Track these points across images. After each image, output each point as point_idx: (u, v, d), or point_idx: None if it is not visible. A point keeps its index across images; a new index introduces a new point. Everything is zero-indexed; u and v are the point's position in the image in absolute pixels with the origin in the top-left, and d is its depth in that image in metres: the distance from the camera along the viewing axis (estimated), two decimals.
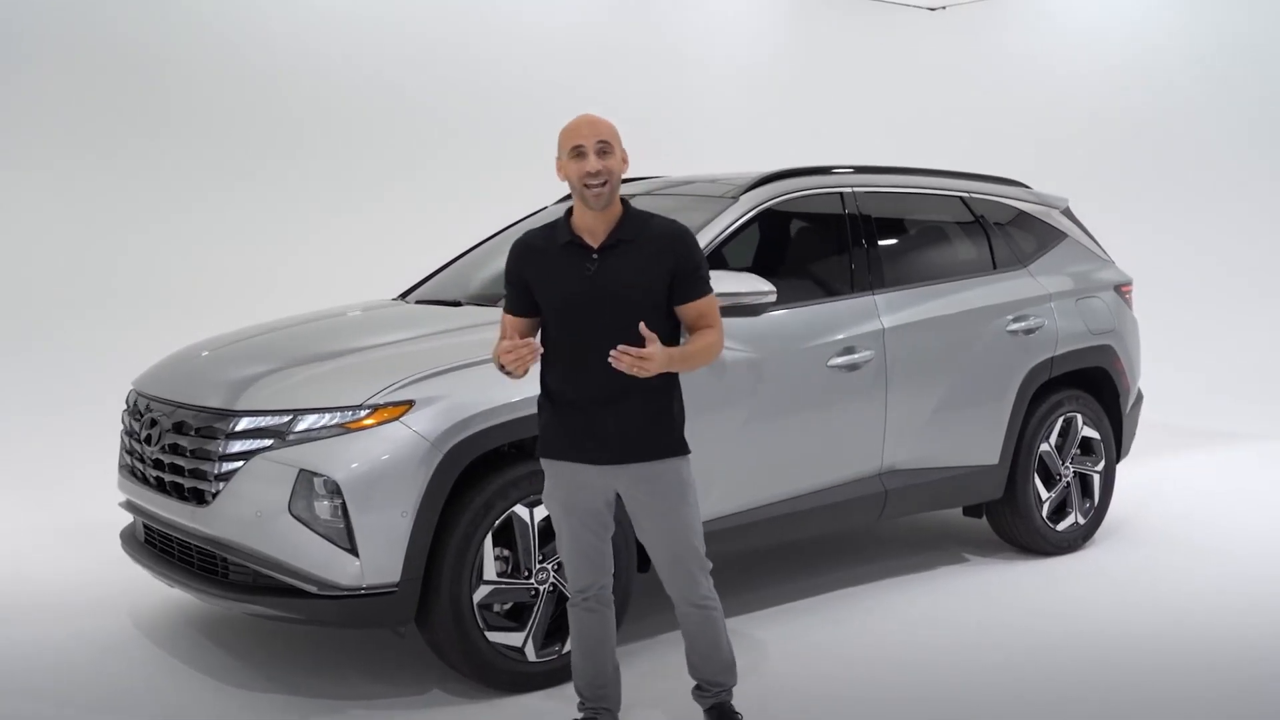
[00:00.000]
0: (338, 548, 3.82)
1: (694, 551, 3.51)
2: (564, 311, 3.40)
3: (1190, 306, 9.47)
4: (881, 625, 4.85)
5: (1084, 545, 5.85)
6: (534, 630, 4.07)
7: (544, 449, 3.50)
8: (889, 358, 5.03)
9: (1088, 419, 5.84)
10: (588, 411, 3.39)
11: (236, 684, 4.22)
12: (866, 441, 5.03)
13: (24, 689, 4.21)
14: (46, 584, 5.35)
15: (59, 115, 8.02)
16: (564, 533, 3.54)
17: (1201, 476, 7.35)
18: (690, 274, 3.41)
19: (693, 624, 3.59)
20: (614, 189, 3.37)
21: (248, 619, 4.80)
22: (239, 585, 4.01)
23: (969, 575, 5.50)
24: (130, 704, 4.10)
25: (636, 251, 3.38)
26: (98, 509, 6.14)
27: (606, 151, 3.34)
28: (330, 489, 3.81)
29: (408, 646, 4.51)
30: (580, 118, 3.43)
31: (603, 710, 3.67)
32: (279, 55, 8.77)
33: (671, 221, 3.47)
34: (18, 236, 7.90)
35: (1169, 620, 4.87)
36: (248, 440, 3.95)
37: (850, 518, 5.09)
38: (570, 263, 3.39)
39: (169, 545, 4.33)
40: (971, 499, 5.52)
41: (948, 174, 5.82)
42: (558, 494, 3.51)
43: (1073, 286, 5.89)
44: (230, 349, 4.63)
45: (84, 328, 7.98)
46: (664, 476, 3.43)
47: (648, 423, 3.40)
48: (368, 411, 3.88)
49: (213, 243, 8.53)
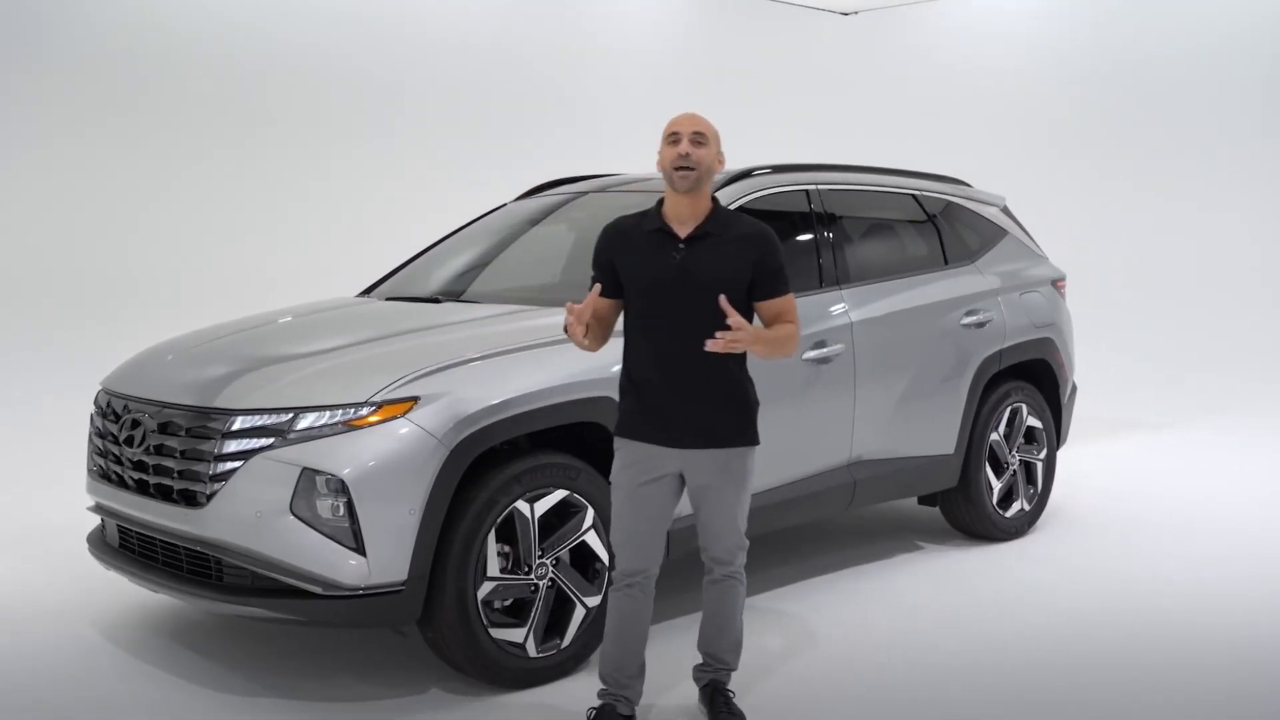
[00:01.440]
0: (342, 547, 3.76)
1: (738, 530, 3.71)
2: (648, 296, 3.56)
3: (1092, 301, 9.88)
4: (851, 614, 4.93)
5: (1029, 530, 6.07)
6: (534, 626, 4.07)
7: (621, 429, 3.64)
8: (857, 351, 5.15)
9: (1031, 409, 6.06)
10: (666, 395, 3.54)
11: (225, 689, 4.11)
12: (837, 433, 5.14)
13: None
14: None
15: (30, 113, 7.77)
16: (624, 514, 3.65)
17: (1125, 462, 7.68)
18: (772, 273, 3.59)
19: (717, 593, 3.76)
20: (701, 179, 3.53)
21: (219, 623, 4.70)
22: (235, 588, 3.91)
23: (927, 562, 5.65)
24: (117, 715, 3.97)
25: (721, 246, 3.55)
26: (46, 513, 5.95)
27: (700, 143, 3.53)
28: (335, 487, 3.75)
29: (398, 646, 4.46)
30: (684, 113, 3.64)
31: (621, 699, 3.70)
32: (247, 57, 8.61)
33: (756, 223, 3.65)
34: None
35: (1119, 596, 5.10)
36: (245, 440, 3.86)
37: (822, 508, 5.20)
38: (657, 249, 3.56)
39: (152, 549, 4.19)
40: (930, 488, 5.68)
41: (900, 172, 5.98)
42: (626, 474, 3.63)
43: (1016, 281, 6.10)
44: (209, 347, 4.52)
45: (34, 326, 7.71)
46: (732, 465, 3.62)
47: (725, 410, 3.58)
48: (372, 409, 3.83)
49: (170, 241, 8.36)
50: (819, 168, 5.51)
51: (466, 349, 4.09)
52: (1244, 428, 8.60)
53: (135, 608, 4.90)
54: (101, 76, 8.11)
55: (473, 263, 5.42)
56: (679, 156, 3.49)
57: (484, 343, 4.18)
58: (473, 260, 5.44)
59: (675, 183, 3.52)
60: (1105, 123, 10.38)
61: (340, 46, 9.15)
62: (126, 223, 8.26)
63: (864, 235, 5.60)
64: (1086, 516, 6.38)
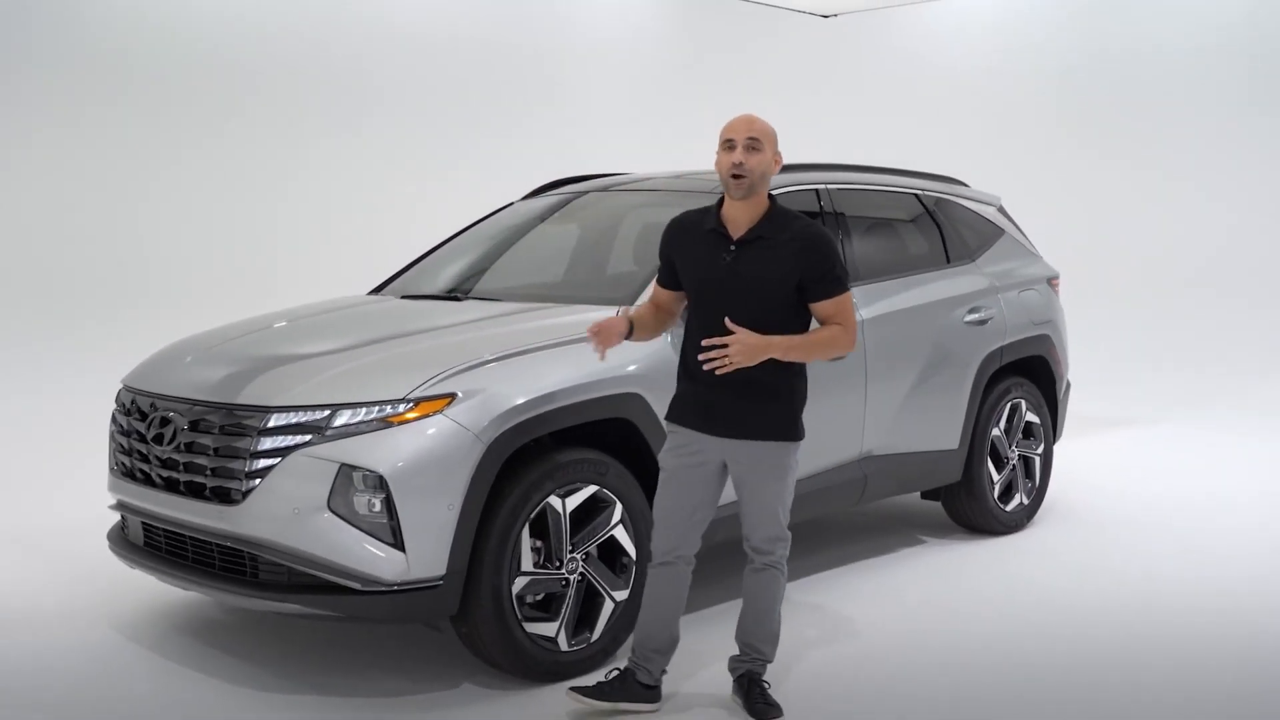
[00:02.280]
0: (381, 542, 3.79)
1: (778, 521, 3.77)
2: (700, 294, 3.69)
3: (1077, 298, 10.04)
4: (860, 609, 4.98)
5: (1028, 524, 6.17)
6: (566, 619, 4.11)
7: (671, 413, 3.80)
8: (868, 348, 5.23)
9: (1030, 405, 6.17)
10: (713, 386, 3.62)
11: (260, 686, 4.12)
12: (849, 428, 5.21)
13: (32, 703, 4.02)
14: (11, 595, 5.10)
15: (30, 110, 7.76)
16: (665, 494, 3.78)
17: (1115, 457, 7.82)
18: (822, 276, 3.63)
19: (756, 582, 3.84)
20: (756, 184, 3.60)
21: (239, 620, 4.71)
22: (271, 584, 3.92)
23: (930, 556, 5.74)
24: (151, 715, 3.96)
25: (773, 248, 3.61)
26: (56, 513, 5.92)
27: (755, 148, 3.59)
28: (373, 483, 3.77)
29: (427, 640, 4.49)
30: (741, 116, 3.69)
31: (642, 669, 3.81)
32: (245, 58, 8.60)
33: (811, 223, 3.69)
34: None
35: (1117, 590, 5.20)
36: (282, 436, 3.87)
37: (835, 503, 5.28)
38: (711, 249, 3.67)
39: (181, 547, 4.19)
40: (935, 482, 5.77)
41: (903, 172, 6.07)
42: (672, 456, 3.77)
43: (1014, 280, 6.21)
44: (235, 344, 4.51)
45: (47, 324, 7.70)
46: (768, 458, 3.69)
47: (762, 405, 3.66)
48: (410, 405, 3.85)
49: (169, 239, 8.36)
50: (828, 167, 5.59)
51: (498, 345, 4.12)
52: (1227, 422, 8.77)
53: (154, 606, 4.88)
54: (102, 72, 8.10)
55: (487, 260, 5.45)
56: (733, 165, 3.56)
57: (514, 339, 4.21)
58: (486, 258, 5.47)
59: (730, 190, 3.61)
60: (1086, 122, 10.56)
61: (317, 41, 9.12)
62: (125, 221, 8.25)
63: (871, 234, 5.68)
64: (1080, 510, 6.50)
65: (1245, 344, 9.73)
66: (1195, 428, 8.69)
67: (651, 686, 3.85)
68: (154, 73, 8.44)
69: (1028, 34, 10.88)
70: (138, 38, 8.28)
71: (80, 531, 5.99)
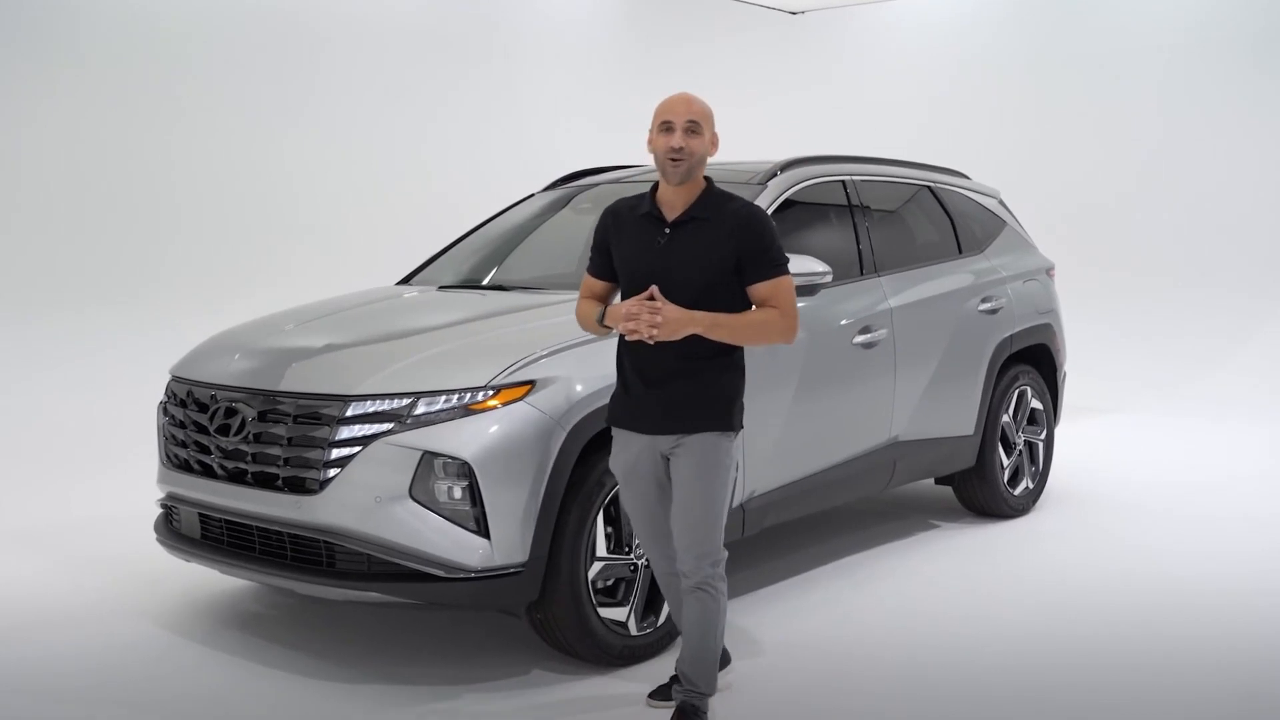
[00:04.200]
0: (464, 529, 3.80)
1: (705, 532, 3.51)
2: (633, 280, 3.51)
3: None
4: (888, 591, 5.08)
5: (1032, 508, 6.35)
6: (635, 604, 4.15)
7: (609, 416, 3.66)
8: (897, 336, 5.34)
9: (1034, 391, 6.35)
10: (640, 380, 3.51)
11: (324, 677, 4.10)
12: (880, 414, 5.32)
13: (112, 699, 3.97)
14: (41, 592, 5.01)
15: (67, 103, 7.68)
16: (626, 504, 3.70)
17: (1102, 443, 8.05)
18: (758, 255, 3.47)
19: (689, 606, 3.60)
20: (694, 167, 3.47)
21: (281, 613, 4.70)
22: (350, 573, 3.90)
23: (947, 539, 5.87)
24: (222, 709, 3.92)
25: (709, 229, 3.47)
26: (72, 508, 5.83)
27: (694, 131, 3.45)
28: (456, 471, 3.78)
29: (489, 627, 4.51)
30: (677, 95, 3.55)
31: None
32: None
33: (748, 204, 3.55)
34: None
35: (1125, 567, 5.37)
36: (363, 425, 3.86)
37: (866, 488, 5.39)
38: (645, 233, 3.53)
39: (246, 538, 4.14)
40: (952, 467, 5.91)
41: (914, 165, 6.20)
42: (618, 460, 3.65)
43: (1018, 270, 6.38)
44: (290, 335, 4.48)
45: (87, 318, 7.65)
46: (700, 449, 3.48)
47: (695, 396, 3.48)
48: (491, 392, 3.87)
49: (169, 237, 8.30)
50: (849, 159, 5.69)
51: (564, 334, 4.12)
52: (1200, 409, 9.07)
53: (191, 601, 4.84)
54: (146, 78, 8.14)
55: (521, 252, 5.46)
56: (671, 149, 3.42)
57: (575, 328, 4.22)
58: (520, 249, 5.48)
59: (667, 173, 3.46)
60: (1054, 116, 10.81)
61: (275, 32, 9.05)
62: (125, 222, 8.21)
63: (892, 225, 5.80)
64: (1079, 494, 6.70)
65: (1209, 334, 10.03)
66: (1168, 415, 8.98)
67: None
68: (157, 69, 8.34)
69: (992, 31, 11.12)
70: (160, 24, 8.27)
71: (101, 528, 5.94)
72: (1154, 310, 10.26)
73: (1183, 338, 10.04)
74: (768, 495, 4.72)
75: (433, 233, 7.19)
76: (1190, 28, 10.27)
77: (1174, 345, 10.03)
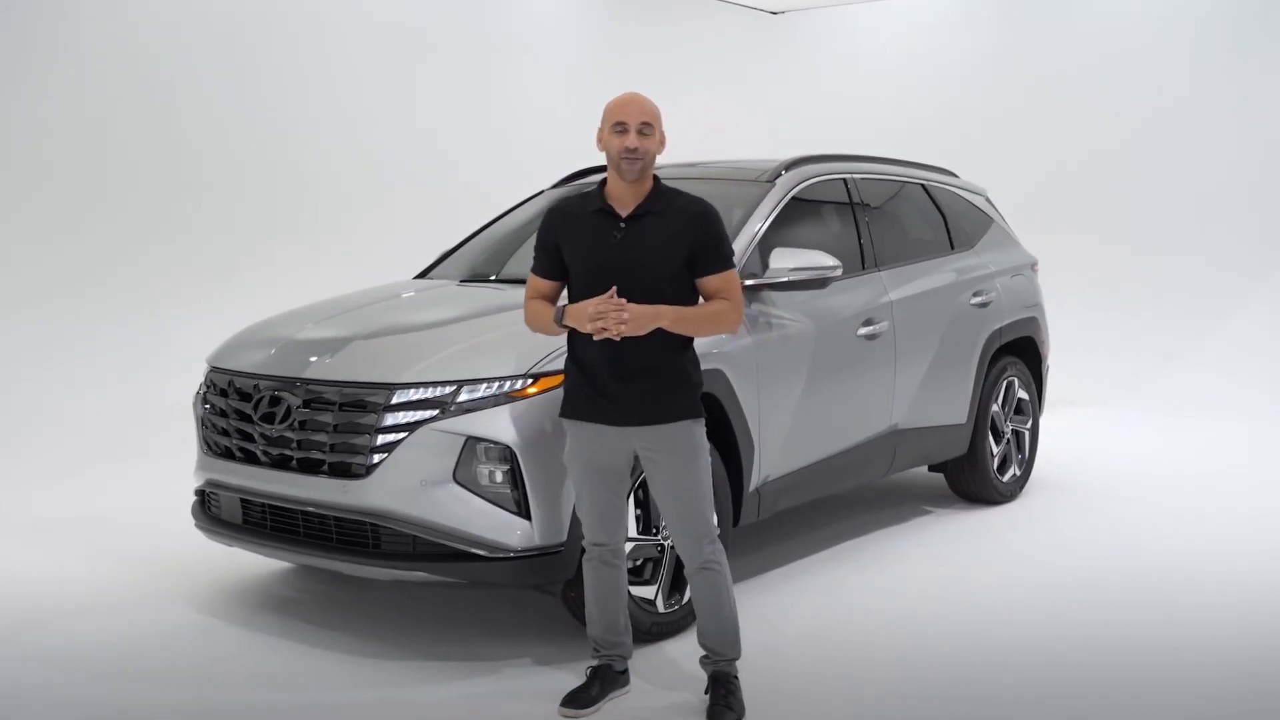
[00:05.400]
0: (506, 511, 3.99)
1: (700, 514, 3.71)
2: (590, 275, 3.63)
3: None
4: (887, 573, 5.32)
5: (1019, 494, 6.62)
6: (662, 583, 4.36)
7: (567, 410, 3.74)
8: (897, 328, 5.59)
9: (1021, 382, 6.62)
10: (610, 375, 3.61)
11: (371, 655, 4.28)
12: (881, 403, 5.56)
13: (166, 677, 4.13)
14: (79, 581, 5.16)
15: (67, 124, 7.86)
16: (583, 491, 3.77)
17: (1082, 434, 8.35)
18: (710, 249, 3.64)
19: (698, 587, 3.79)
20: (648, 165, 3.65)
21: (314, 597, 4.88)
22: (396, 554, 4.08)
23: (941, 524, 6.12)
24: (271, 685, 4.09)
25: (661, 223, 3.63)
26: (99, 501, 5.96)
27: (646, 133, 3.62)
28: (499, 455, 3.97)
29: (520, 605, 4.70)
30: (629, 96, 3.71)
31: (616, 658, 3.93)
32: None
33: (697, 199, 3.72)
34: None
35: (1110, 551, 5.62)
36: (408, 412, 4.04)
37: (868, 474, 5.64)
38: (599, 229, 3.66)
39: (290, 522, 4.31)
40: (946, 454, 6.16)
41: (908, 163, 6.45)
42: (579, 453, 3.73)
43: (1006, 265, 6.64)
44: (327, 325, 4.64)
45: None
46: (678, 438, 3.66)
47: (666, 387, 3.64)
48: (530, 380, 4.06)
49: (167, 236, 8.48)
50: (849, 158, 5.92)
51: None
52: (1172, 404, 9.37)
53: (228, 586, 5.00)
54: (151, 90, 8.32)
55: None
56: (626, 150, 3.57)
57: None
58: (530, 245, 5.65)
59: (624, 172, 3.60)
60: (1030, 116, 11.12)
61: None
62: (122, 222, 8.38)
63: (890, 221, 6.04)
64: (1062, 481, 6.97)
65: (1176, 330, 10.38)
66: (1142, 409, 9.25)
67: (624, 671, 3.93)
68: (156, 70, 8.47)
69: (972, 31, 11.41)
70: (187, 29, 8.48)
71: (132, 520, 6.08)
72: (1126, 307, 10.60)
73: (1149, 335, 10.39)
74: (781, 480, 4.95)
75: (432, 232, 7.43)
76: (1156, 27, 10.62)
77: (1136, 344, 10.38)
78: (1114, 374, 10.04)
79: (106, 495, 6.46)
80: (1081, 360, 9.73)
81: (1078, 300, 10.47)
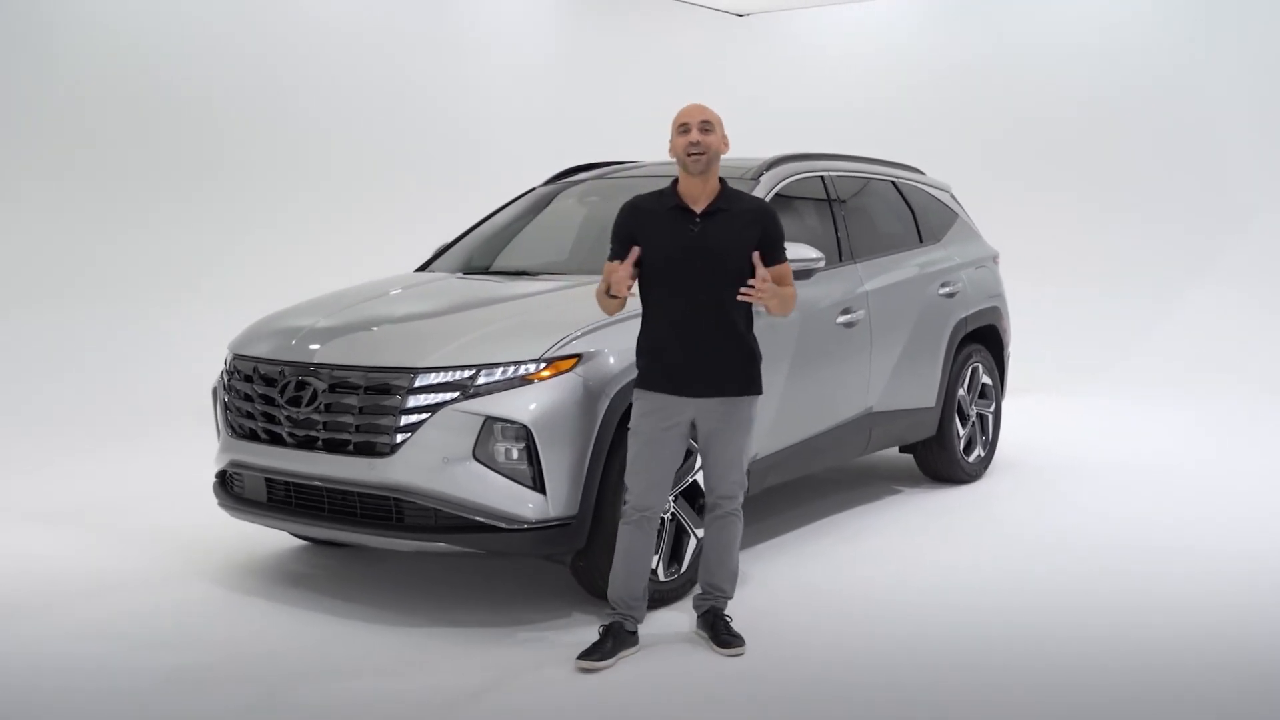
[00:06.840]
0: (522, 486, 4.30)
1: (740, 471, 4.28)
2: (668, 265, 4.11)
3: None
4: (873, 544, 5.71)
5: (983, 474, 7.02)
6: (663, 552, 4.68)
7: (641, 382, 4.18)
8: (872, 316, 5.95)
9: (985, 368, 7.01)
10: (682, 351, 4.10)
11: (393, 623, 4.56)
12: (858, 387, 5.92)
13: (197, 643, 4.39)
14: (102, 560, 5.40)
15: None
16: (641, 456, 4.16)
17: (1040, 419, 8.77)
18: (775, 242, 4.22)
19: (718, 527, 4.32)
20: (711, 161, 4.11)
21: (326, 573, 5.16)
22: (419, 527, 4.38)
23: (913, 502, 6.50)
24: (298, 650, 4.36)
25: (731, 220, 4.15)
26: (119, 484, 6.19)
27: (707, 130, 4.10)
28: (515, 434, 4.28)
29: (527, 576, 5.01)
30: (690, 104, 4.21)
31: (629, 618, 4.28)
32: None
33: (759, 199, 4.37)
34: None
35: (1071, 525, 6.02)
36: (430, 395, 4.34)
37: (845, 454, 6.01)
38: (676, 223, 4.13)
39: (315, 499, 4.58)
40: (917, 435, 6.54)
41: (879, 161, 6.82)
42: (646, 421, 4.15)
43: (970, 258, 7.03)
44: (347, 314, 4.92)
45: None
46: (738, 412, 4.19)
47: (734, 364, 4.15)
48: (544, 364, 4.37)
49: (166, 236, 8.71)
50: (825, 156, 6.27)
51: (599, 314, 4.60)
52: (1122, 391, 9.87)
53: (243, 563, 5.26)
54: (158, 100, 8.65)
55: (539, 240, 5.95)
56: (690, 144, 4.06)
57: None
58: (536, 238, 5.97)
59: (689, 166, 4.08)
60: (989, 114, 11.52)
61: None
62: (121, 225, 8.64)
63: (864, 216, 6.40)
64: (1023, 462, 7.38)
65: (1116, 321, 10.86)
66: (1095, 395, 9.77)
67: (634, 631, 4.26)
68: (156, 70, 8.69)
69: (936, 34, 11.79)
70: (171, 45, 8.69)
71: (149, 503, 6.31)
72: (1080, 297, 11.07)
73: (1102, 325, 10.87)
74: (768, 459, 5.29)
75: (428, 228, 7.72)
76: (1110, 25, 11.07)
77: (1091, 333, 10.85)
78: (1070, 362, 10.49)
79: (124, 481, 6.71)
80: (1039, 348, 10.17)
81: (1035, 291, 10.90)
